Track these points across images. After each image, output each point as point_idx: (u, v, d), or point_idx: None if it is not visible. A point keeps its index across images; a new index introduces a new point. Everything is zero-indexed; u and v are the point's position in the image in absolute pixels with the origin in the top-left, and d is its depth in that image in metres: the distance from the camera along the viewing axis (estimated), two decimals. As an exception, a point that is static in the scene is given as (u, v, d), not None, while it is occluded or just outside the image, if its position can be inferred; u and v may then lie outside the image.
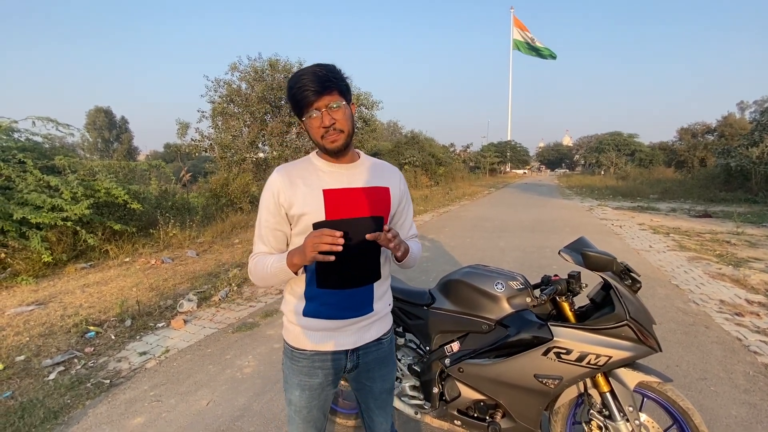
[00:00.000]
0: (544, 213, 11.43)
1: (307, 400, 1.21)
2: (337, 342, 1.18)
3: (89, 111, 46.05)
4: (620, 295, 1.47)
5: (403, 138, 24.60)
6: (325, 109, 1.06)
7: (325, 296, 1.15)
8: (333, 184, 1.13)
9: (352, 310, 1.18)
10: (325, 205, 1.10)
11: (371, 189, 1.17)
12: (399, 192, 1.25)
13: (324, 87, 1.04)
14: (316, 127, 1.08)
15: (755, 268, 5.14)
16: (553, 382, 1.52)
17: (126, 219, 6.60)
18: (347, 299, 1.16)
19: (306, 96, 1.04)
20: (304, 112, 1.08)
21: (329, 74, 1.05)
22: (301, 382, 1.20)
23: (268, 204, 1.14)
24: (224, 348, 3.17)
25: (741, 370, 2.70)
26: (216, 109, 12.26)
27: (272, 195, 1.12)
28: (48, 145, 7.18)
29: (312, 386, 1.20)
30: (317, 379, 1.20)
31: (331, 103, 1.06)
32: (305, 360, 1.19)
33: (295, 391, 1.22)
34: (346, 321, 1.18)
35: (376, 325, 1.25)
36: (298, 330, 1.19)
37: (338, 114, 1.07)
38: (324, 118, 1.06)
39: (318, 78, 1.04)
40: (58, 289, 4.68)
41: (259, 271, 1.14)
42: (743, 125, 27.27)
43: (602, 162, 38.41)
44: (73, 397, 2.51)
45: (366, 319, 1.21)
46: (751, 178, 14.62)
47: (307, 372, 1.20)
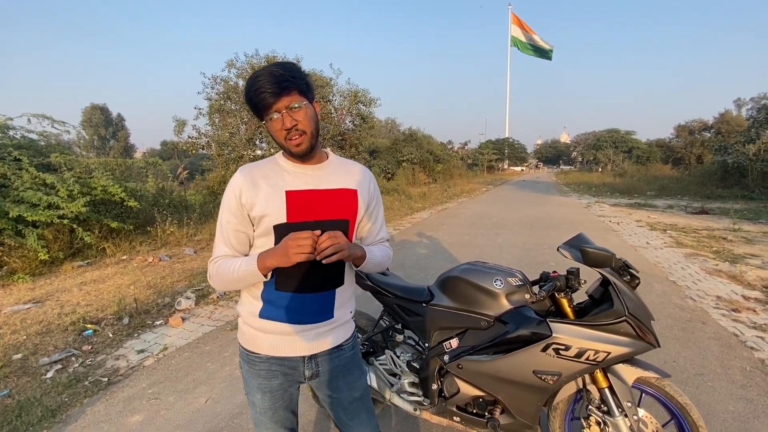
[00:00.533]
0: (541, 210, 11.45)
1: (270, 401, 1.18)
2: (292, 347, 1.14)
3: (85, 108, 45.73)
4: (619, 292, 1.47)
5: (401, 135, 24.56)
6: (285, 111, 1.02)
7: (284, 299, 1.11)
8: (297, 185, 1.10)
9: (311, 315, 1.13)
10: (287, 206, 1.07)
11: (337, 191, 1.14)
12: (368, 194, 1.21)
13: (282, 88, 1.00)
14: (278, 130, 1.04)
15: (752, 264, 5.17)
16: (552, 378, 1.52)
17: (123, 217, 6.57)
18: (307, 304, 1.12)
19: (263, 98, 1.00)
20: (264, 115, 1.04)
21: (287, 74, 1.01)
22: (260, 385, 1.17)
23: (230, 204, 1.09)
24: (223, 345, 3.17)
25: (738, 365, 2.72)
26: (213, 106, 12.18)
27: (234, 195, 1.08)
28: (44, 142, 7.11)
29: (272, 388, 1.17)
30: (276, 380, 1.16)
31: (292, 103, 1.02)
32: (262, 363, 1.15)
33: (256, 394, 1.18)
34: (303, 326, 1.13)
35: (335, 332, 1.20)
36: (253, 332, 1.15)
37: (299, 115, 1.03)
38: (285, 119, 1.02)
39: (275, 78, 0.99)
40: (55, 287, 4.65)
41: (223, 275, 1.08)
42: (740, 122, 27.36)
43: (600, 159, 38.48)
44: (71, 396, 2.50)
45: (325, 325, 1.16)
46: (747, 174, 14.67)
47: (266, 375, 1.16)
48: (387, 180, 17.66)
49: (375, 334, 2.07)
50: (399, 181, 17.68)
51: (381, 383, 1.96)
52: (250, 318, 1.15)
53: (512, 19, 50.84)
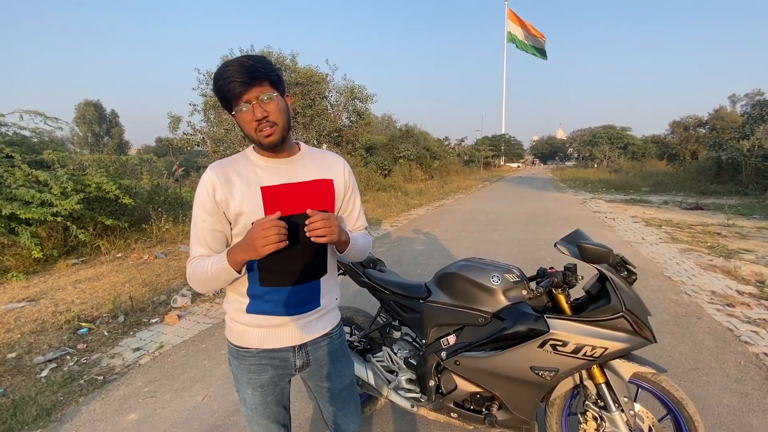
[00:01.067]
0: (538, 206, 11.48)
1: (261, 397, 1.18)
2: (282, 338, 1.15)
3: (78, 105, 45.21)
4: (616, 287, 1.47)
5: (397, 131, 24.50)
6: (255, 102, 1.00)
7: (270, 294, 1.11)
8: (271, 180, 1.09)
9: (298, 306, 1.15)
10: (264, 203, 1.07)
11: (313, 183, 1.13)
12: (344, 182, 1.21)
13: (252, 78, 0.98)
14: (248, 121, 1.02)
15: (746, 259, 5.21)
16: (549, 374, 1.53)
17: (118, 214, 6.52)
18: (293, 296, 1.13)
19: (232, 87, 0.98)
20: (233, 106, 1.02)
21: (257, 65, 1.00)
22: (251, 381, 1.17)
23: (203, 202, 1.07)
24: (219, 343, 3.15)
25: (732, 360, 2.74)
26: (208, 102, 12.10)
27: (207, 193, 1.06)
28: (36, 139, 7.03)
29: (263, 383, 1.17)
30: (267, 374, 1.17)
31: (262, 95, 1.00)
32: (252, 358, 1.15)
33: (247, 390, 1.18)
34: (292, 317, 1.14)
35: (323, 319, 1.22)
36: (241, 328, 1.15)
37: (270, 106, 1.02)
38: (255, 110, 1.00)
39: (245, 69, 0.98)
40: (49, 285, 4.61)
41: (198, 275, 1.06)
42: (734, 118, 27.55)
43: (595, 155, 38.60)
44: (66, 394, 2.48)
45: (314, 314, 1.18)
46: (741, 170, 14.79)
47: (256, 370, 1.16)
48: (384, 177, 17.63)
49: (372, 331, 2.07)
50: (396, 177, 17.65)
51: (378, 380, 1.96)
52: (238, 314, 1.14)
53: (508, 14, 50.74)
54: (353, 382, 1.34)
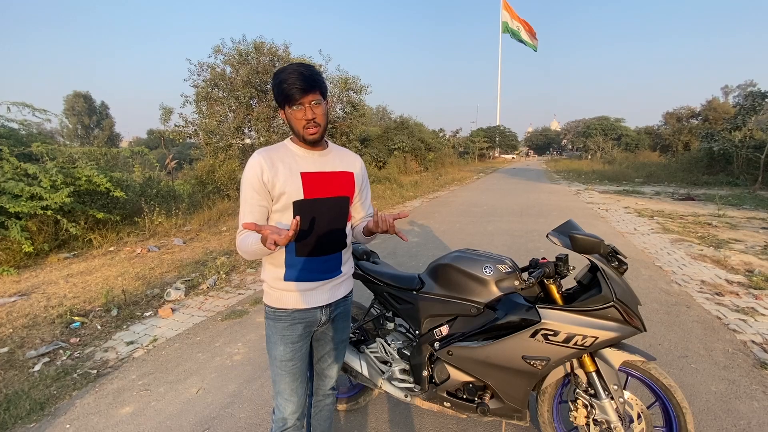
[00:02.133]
0: (532, 197, 11.53)
1: (291, 353, 1.38)
2: (314, 299, 1.38)
3: (67, 96, 44.34)
4: (607, 277, 1.48)
5: (392, 123, 24.32)
6: (308, 105, 1.24)
7: (303, 263, 1.35)
8: (309, 167, 1.32)
9: (326, 273, 1.39)
10: (303, 185, 1.29)
11: (339, 173, 1.39)
12: (360, 175, 1.49)
13: (310, 86, 1.22)
14: (299, 119, 1.26)
15: (735, 249, 5.29)
16: (540, 363, 1.54)
17: (109, 207, 6.44)
18: (322, 264, 1.37)
19: (293, 93, 1.21)
20: (290, 105, 1.25)
21: (315, 75, 1.24)
22: (284, 337, 1.37)
23: (252, 182, 1.27)
24: (213, 336, 3.15)
25: (720, 347, 2.79)
26: (200, 93, 11.90)
27: (256, 174, 1.26)
28: (24, 131, 6.91)
29: (293, 339, 1.38)
30: (297, 332, 1.38)
31: (314, 100, 1.24)
32: (287, 318, 1.37)
33: (279, 346, 1.38)
34: (321, 282, 1.39)
35: (344, 284, 1.48)
36: (278, 293, 1.37)
37: (318, 110, 1.26)
38: (307, 112, 1.25)
39: (305, 78, 1.21)
40: (40, 279, 4.57)
41: (245, 246, 1.25)
42: (727, 109, 27.71)
43: (589, 146, 38.75)
44: (60, 388, 2.47)
45: (337, 279, 1.44)
46: (733, 161, 14.94)
47: (289, 327, 1.37)
48: (378, 168, 17.57)
49: (366, 322, 2.07)
50: (390, 169, 17.59)
51: (372, 371, 1.97)
52: (276, 282, 1.36)
53: (503, 5, 50.35)
54: (348, 338, 1.60)
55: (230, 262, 4.97)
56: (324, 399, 1.59)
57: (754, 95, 15.80)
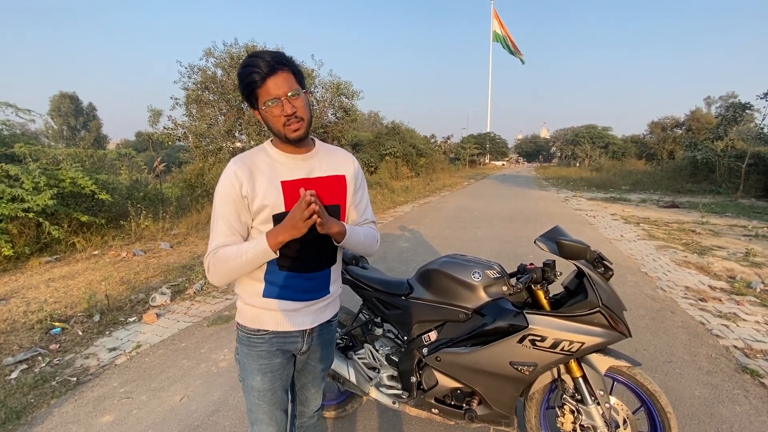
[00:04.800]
0: (521, 203, 11.64)
1: (270, 382, 1.23)
2: (296, 322, 1.21)
3: (53, 97, 43.55)
4: (593, 283, 1.49)
5: (384, 128, 24.41)
6: (285, 98, 1.05)
7: (287, 279, 1.17)
8: (291, 175, 1.14)
9: (312, 292, 1.22)
10: (284, 196, 1.12)
11: (328, 178, 1.20)
12: (354, 178, 1.28)
13: (277, 64, 1.03)
14: (277, 116, 1.07)
15: (718, 255, 5.40)
16: (528, 368, 1.54)
17: (94, 210, 6.32)
18: (307, 282, 1.20)
19: (255, 76, 1.02)
20: (261, 100, 1.06)
21: (279, 55, 1.06)
22: (261, 367, 1.21)
23: (231, 195, 1.10)
24: (199, 342, 3.10)
25: (704, 352, 2.83)
26: (190, 96, 11.79)
27: (233, 187, 1.10)
28: (7, 132, 6.76)
29: (273, 367, 1.22)
30: (277, 359, 1.22)
31: (290, 91, 1.05)
32: (263, 344, 1.21)
33: (256, 376, 1.22)
34: (306, 302, 1.21)
35: (330, 306, 1.31)
36: (255, 311, 1.19)
37: (298, 102, 1.07)
38: (285, 106, 1.05)
39: (270, 57, 1.04)
40: (20, 283, 4.45)
41: (228, 261, 1.09)
42: (709, 119, 28.48)
43: (578, 154, 39.35)
44: (37, 396, 2.40)
45: (324, 300, 1.26)
46: (715, 170, 15.30)
47: (266, 355, 1.21)
48: (370, 173, 17.57)
49: (354, 327, 2.06)
50: (382, 174, 17.62)
51: (360, 377, 1.95)
52: (253, 298, 1.19)
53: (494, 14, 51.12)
54: (331, 364, 1.45)
55: (218, 267, 4.90)
56: (309, 420, 1.44)
57: (735, 106, 16.26)
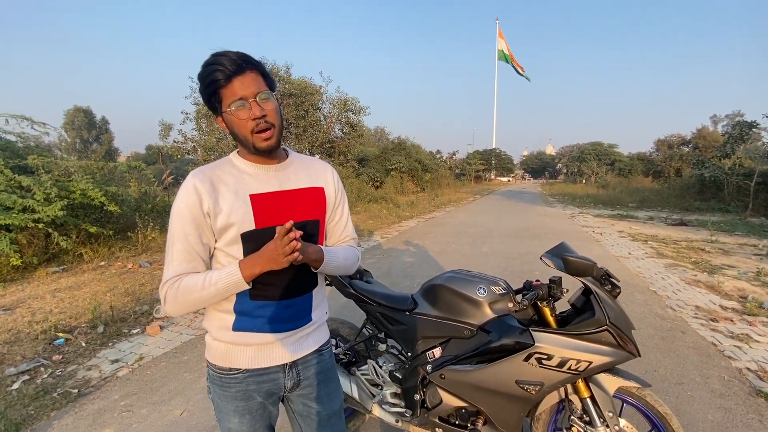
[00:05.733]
0: (527, 220, 11.59)
1: (249, 424, 1.07)
2: (271, 357, 1.06)
3: (67, 110, 44.70)
4: (600, 301, 1.47)
5: (389, 144, 24.63)
6: (253, 99, 0.93)
7: (260, 309, 1.03)
8: (261, 188, 1.01)
9: (290, 321, 1.07)
10: (254, 212, 0.99)
11: (304, 191, 1.08)
12: (334, 190, 1.15)
13: (245, 62, 0.93)
14: (243, 120, 0.94)
15: (728, 274, 5.30)
16: (534, 388, 1.51)
17: (103, 221, 6.39)
18: (285, 310, 1.06)
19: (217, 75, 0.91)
20: (224, 103, 0.94)
21: (247, 56, 0.95)
22: (237, 408, 1.06)
23: (190, 212, 0.96)
24: (201, 354, 3.07)
25: (716, 374, 2.76)
26: (200, 111, 12.05)
27: (193, 203, 0.96)
28: (21, 144, 6.92)
29: (251, 409, 1.07)
30: (255, 400, 1.07)
31: (260, 92, 0.94)
32: (237, 384, 1.06)
33: (233, 418, 1.07)
34: (283, 333, 1.06)
35: (314, 334, 1.15)
36: (225, 347, 1.05)
37: (269, 105, 0.95)
38: (253, 108, 0.93)
39: (236, 55, 0.93)
40: (27, 293, 4.47)
41: (194, 293, 0.95)
42: (716, 138, 28.39)
43: (584, 171, 39.28)
44: (38, 408, 2.38)
45: (305, 329, 1.11)
46: (724, 188, 15.17)
47: (242, 396, 1.06)
48: (375, 188, 17.66)
49: (357, 343, 2.04)
50: (387, 189, 17.69)
51: (363, 394, 1.92)
52: (222, 333, 1.04)
53: (499, 33, 52.05)
54: (342, 407, 1.25)
55: (222, 280, 4.90)
56: None
57: (742, 125, 16.22)
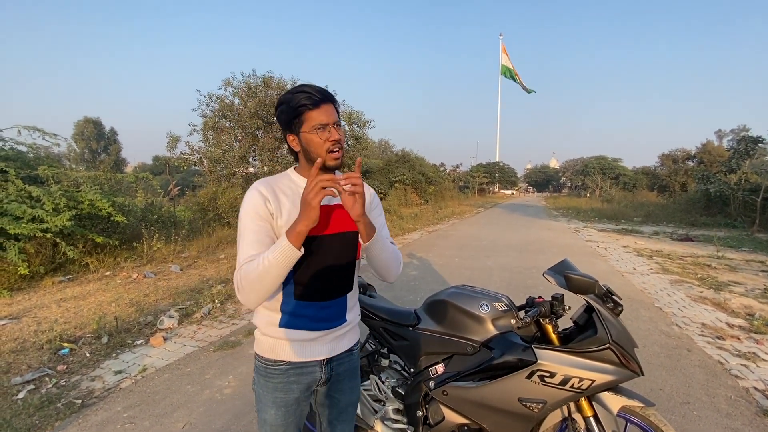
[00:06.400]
0: (531, 233, 11.56)
1: (283, 417, 1.21)
2: (312, 352, 1.21)
3: (77, 121, 45.43)
4: (602, 319, 1.48)
5: (393, 156, 24.78)
6: (332, 126, 1.11)
7: (302, 308, 1.18)
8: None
9: (327, 321, 1.22)
10: None
11: None
12: (371, 206, 1.33)
13: (326, 96, 1.12)
14: (324, 141, 1.11)
15: (735, 291, 5.25)
16: (537, 406, 1.51)
17: (109, 231, 6.47)
18: (322, 311, 1.20)
19: (306, 101, 1.09)
20: (308, 124, 1.10)
21: (327, 91, 1.14)
22: (276, 400, 1.21)
23: (258, 211, 1.12)
24: (204, 367, 3.08)
25: (723, 394, 2.72)
26: (207, 123, 12.24)
27: (259, 204, 1.12)
28: (32, 154, 7.05)
29: (288, 402, 1.21)
30: (293, 394, 1.21)
31: (335, 121, 1.12)
32: (280, 376, 1.20)
33: (270, 410, 1.21)
34: (321, 332, 1.21)
35: (348, 335, 1.30)
36: (272, 341, 1.20)
37: (341, 132, 1.16)
38: (332, 133, 1.11)
39: (319, 89, 1.12)
40: (33, 303, 4.51)
41: (253, 272, 1.03)
42: (721, 152, 28.29)
43: (588, 185, 39.22)
44: (42, 418, 2.39)
45: (341, 329, 1.26)
46: (730, 203, 15.08)
47: (282, 388, 1.20)
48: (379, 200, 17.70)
49: (360, 358, 2.04)
50: (391, 201, 17.75)
51: (365, 409, 1.92)
52: (270, 328, 1.20)
53: (503, 49, 52.73)
54: (358, 399, 1.41)
55: (226, 291, 4.93)
56: None
57: (747, 140, 16.23)
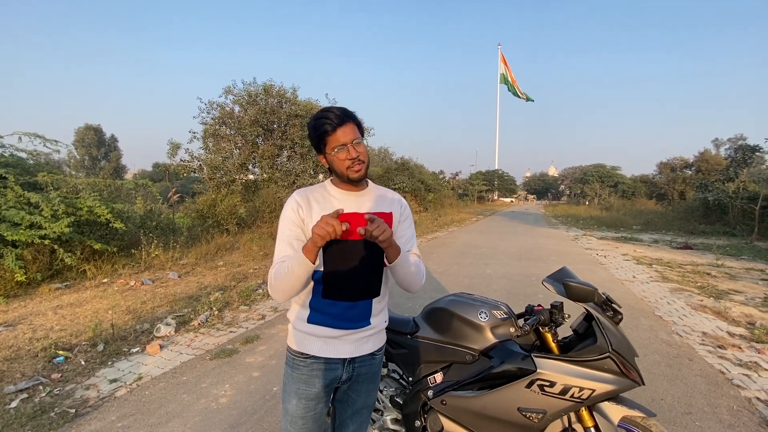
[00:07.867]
0: (530, 241, 11.54)
1: (303, 410, 1.30)
2: (336, 350, 1.30)
3: (78, 128, 45.62)
4: (602, 327, 1.47)
5: (393, 164, 24.84)
6: (350, 144, 1.24)
7: (327, 306, 1.28)
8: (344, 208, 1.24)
9: (351, 321, 1.30)
10: None
11: (376, 214, 1.28)
12: (400, 216, 1.41)
13: (345, 117, 1.24)
14: (343, 159, 1.24)
15: (735, 300, 5.23)
16: (536, 416, 1.49)
17: (107, 238, 6.44)
18: (347, 311, 1.29)
19: (326, 128, 1.23)
20: (330, 146, 1.24)
21: (347, 111, 1.27)
22: (298, 391, 1.30)
23: (292, 217, 1.27)
24: (200, 376, 3.04)
25: (725, 404, 2.69)
26: (208, 130, 12.27)
27: (293, 210, 1.27)
28: (32, 161, 7.05)
29: (309, 396, 1.30)
30: (314, 388, 1.30)
31: (355, 139, 1.24)
32: (305, 368, 1.30)
33: (292, 399, 1.31)
34: (346, 331, 1.30)
35: (372, 339, 1.37)
36: (301, 335, 1.32)
37: (360, 148, 1.26)
38: (351, 151, 1.24)
39: (339, 111, 1.24)
40: (29, 310, 4.48)
41: (280, 273, 1.19)
42: (718, 161, 28.46)
43: (587, 192, 39.33)
44: (35, 428, 2.35)
45: (364, 331, 1.33)
46: (728, 211, 15.11)
47: (305, 380, 1.30)
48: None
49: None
50: (390, 209, 17.72)
51: (363, 419, 1.89)
52: (300, 323, 1.32)
53: (501, 58, 53.24)
54: (374, 403, 1.47)
55: (224, 299, 4.89)
56: None
57: (745, 148, 16.32)
